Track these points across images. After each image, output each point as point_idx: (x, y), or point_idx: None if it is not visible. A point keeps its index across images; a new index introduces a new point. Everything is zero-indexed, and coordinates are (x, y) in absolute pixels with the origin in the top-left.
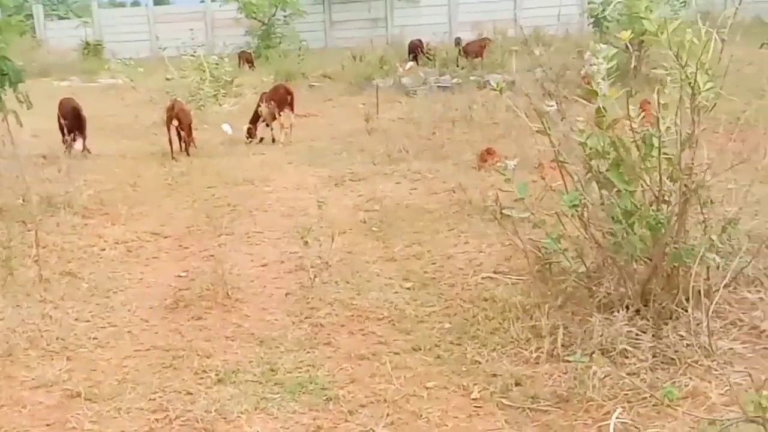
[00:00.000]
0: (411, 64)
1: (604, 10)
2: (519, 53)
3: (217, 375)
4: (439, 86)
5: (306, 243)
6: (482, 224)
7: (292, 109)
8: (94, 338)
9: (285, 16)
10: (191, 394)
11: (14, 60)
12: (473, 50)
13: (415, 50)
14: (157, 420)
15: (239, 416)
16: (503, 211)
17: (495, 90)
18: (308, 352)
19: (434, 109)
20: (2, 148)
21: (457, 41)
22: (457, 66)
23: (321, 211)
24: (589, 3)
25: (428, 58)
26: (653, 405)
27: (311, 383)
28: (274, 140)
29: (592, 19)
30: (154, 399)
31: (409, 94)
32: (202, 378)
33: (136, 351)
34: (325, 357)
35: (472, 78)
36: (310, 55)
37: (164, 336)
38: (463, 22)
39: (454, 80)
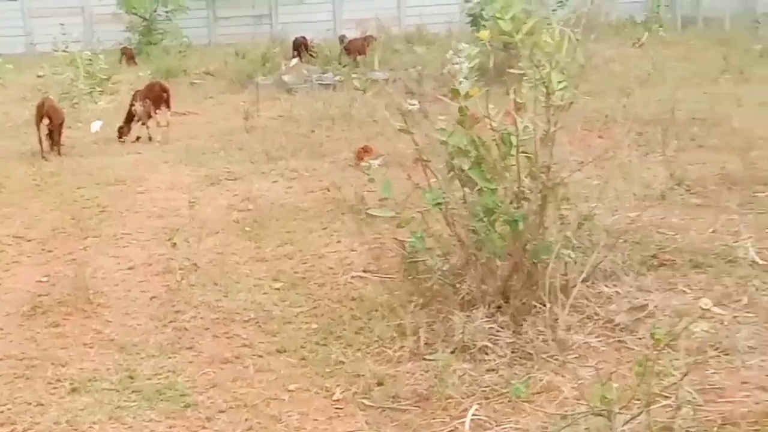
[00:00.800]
0: (295, 61)
1: (482, 10)
2: (402, 51)
3: (71, 384)
4: (321, 84)
5: (174, 244)
6: (355, 223)
7: (168, 107)
8: None
9: (167, 12)
10: (42, 405)
11: None
12: (356, 48)
13: (299, 48)
14: None
15: (92, 427)
16: (369, 210)
17: (359, 90)
18: (170, 358)
19: (315, 106)
20: None
21: (341, 39)
22: (340, 64)
23: (193, 211)
24: (466, 1)
25: (312, 56)
26: (509, 401)
27: (170, 389)
28: (150, 139)
29: (470, 18)
30: (2, 411)
31: (291, 92)
32: (55, 388)
33: None
34: (186, 362)
35: (354, 76)
36: (192, 52)
37: (18, 344)
38: (347, 19)
39: (336, 78)
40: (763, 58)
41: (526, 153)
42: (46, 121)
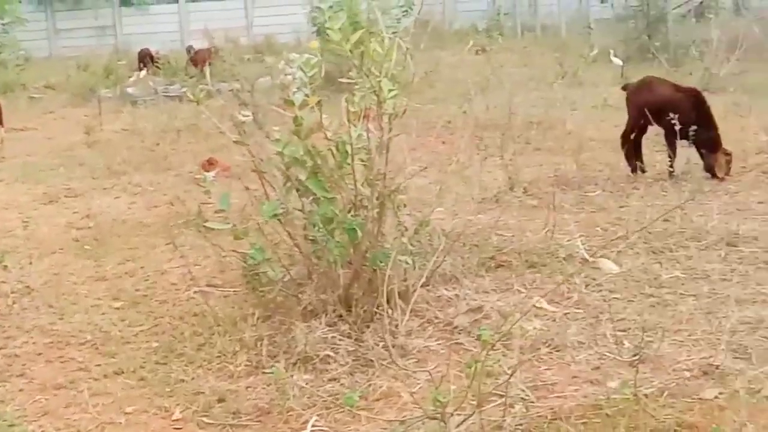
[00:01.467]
0: (143, 73)
1: (328, 18)
2: (251, 61)
3: None
4: (166, 96)
5: (5, 267)
6: (198, 237)
7: (0, 123)
8: None
9: (3, 24)
10: None
11: None
12: (202, 59)
13: (145, 59)
14: None
15: None
16: (205, 223)
17: (193, 101)
18: None
19: (160, 119)
20: None
21: (188, 50)
22: (186, 75)
23: (27, 231)
24: (311, 12)
25: (157, 67)
26: (349, 410)
27: None
28: None
29: (315, 28)
30: None
31: (135, 105)
32: None
33: None
34: (17, 390)
35: (200, 87)
36: (31, 65)
37: None
38: (194, 30)
39: (183, 90)
40: (596, 63)
41: (362, 161)
42: None
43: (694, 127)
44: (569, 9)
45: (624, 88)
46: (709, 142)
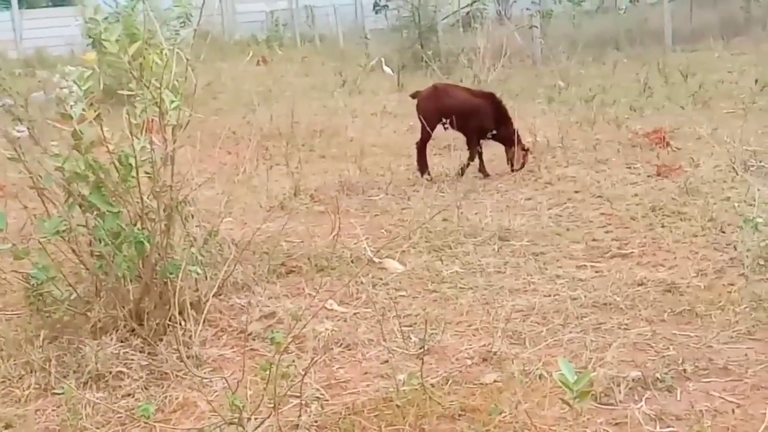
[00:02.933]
0: None
1: (104, 30)
2: (21, 76)
3: None
4: None
5: None
6: None
7: None
8: None
9: None
10: None
11: None
12: None
13: None
14: None
15: None
16: None
17: None
18: None
19: None
20: None
21: None
22: None
23: None
24: (86, 22)
25: None
26: (146, 424)
27: None
28: None
29: (90, 40)
30: None
31: None
32: None
33: None
34: None
35: None
36: None
37: None
38: None
39: None
40: (374, 72)
41: (147, 173)
42: None
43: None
44: (346, 19)
45: (414, 96)
46: (509, 139)
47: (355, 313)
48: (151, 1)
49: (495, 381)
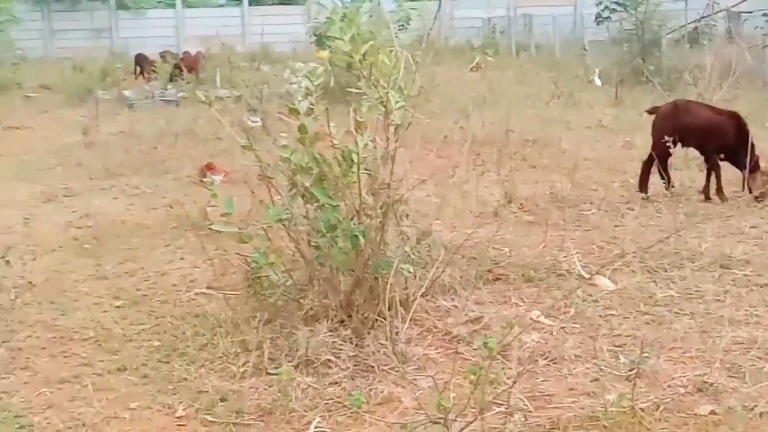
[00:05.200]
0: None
1: (327, 29)
2: (244, 70)
3: None
4: (163, 100)
5: (8, 262)
6: (199, 240)
7: None
8: None
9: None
10: None
11: None
12: (188, 64)
13: (141, 63)
14: None
15: None
16: (211, 226)
17: (204, 103)
18: (3, 378)
19: (157, 123)
20: None
21: (162, 55)
22: (171, 80)
23: (28, 228)
24: (313, 21)
25: (153, 71)
26: (351, 413)
27: (4, 410)
28: None
29: (315, 38)
30: None
31: (132, 108)
32: None
33: None
34: (21, 382)
35: (197, 92)
36: (27, 65)
37: None
38: (190, 36)
39: (180, 94)
40: (591, 84)
41: (367, 170)
42: None
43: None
44: (564, 30)
45: (651, 111)
46: (744, 162)
47: (562, 327)
48: (375, 3)
49: (711, 413)
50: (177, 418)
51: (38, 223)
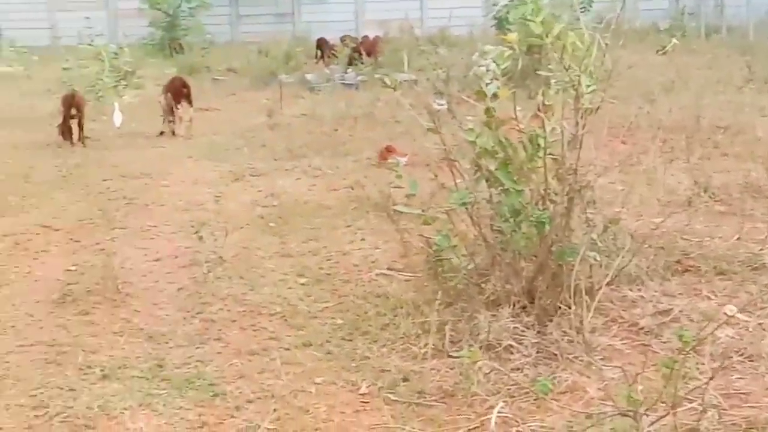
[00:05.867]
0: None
1: (507, 12)
2: (424, 53)
3: (102, 371)
4: (343, 83)
5: (200, 238)
6: (379, 221)
7: (189, 103)
8: None
9: (190, 9)
10: (74, 390)
11: None
12: (367, 48)
13: (322, 47)
14: (36, 416)
15: (122, 412)
16: (395, 207)
17: (389, 87)
18: (198, 348)
19: (337, 106)
20: None
21: (343, 39)
22: (350, 64)
23: (218, 205)
24: (493, 4)
25: (334, 55)
26: (534, 400)
27: (199, 379)
28: (173, 133)
29: (495, 21)
30: (35, 395)
31: (314, 91)
32: (86, 374)
33: (19, 346)
34: (214, 352)
35: (377, 76)
36: (215, 49)
37: (49, 331)
38: (369, 20)
39: (359, 78)
40: None
41: (553, 155)
42: (74, 111)
43: None
44: (759, 11)
45: None
46: None
47: (759, 324)
48: None
49: None
50: (360, 395)
51: (227, 200)
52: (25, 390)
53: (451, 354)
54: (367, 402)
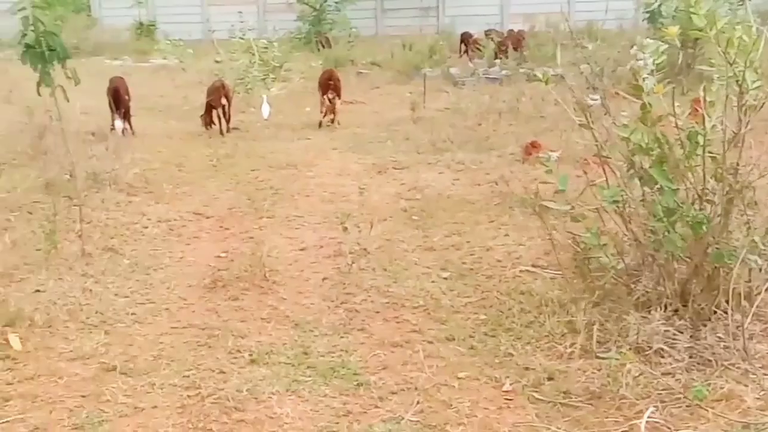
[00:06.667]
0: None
1: (660, 5)
2: (570, 47)
3: (250, 355)
4: (487, 78)
5: (345, 229)
6: (523, 217)
7: (338, 95)
8: (132, 314)
9: (336, 3)
10: (224, 372)
11: (67, 37)
12: (512, 42)
13: (466, 41)
14: (189, 396)
15: (270, 397)
16: (543, 203)
17: (540, 81)
18: (342, 337)
19: (481, 100)
20: (51, 124)
21: (487, 33)
22: (496, 57)
23: (362, 197)
24: None
25: (478, 49)
26: (686, 406)
27: (343, 368)
28: (320, 125)
29: (647, 15)
30: (188, 376)
31: (457, 85)
32: (235, 358)
33: (172, 328)
34: (358, 343)
35: (521, 71)
36: (360, 42)
37: (201, 315)
38: (515, 14)
39: (503, 72)
40: None
41: (712, 153)
42: (224, 101)
43: None
44: None
45: None
46: None
47: None
48: None
49: None
50: (504, 392)
51: (371, 193)
52: (179, 370)
53: (598, 355)
54: (511, 399)
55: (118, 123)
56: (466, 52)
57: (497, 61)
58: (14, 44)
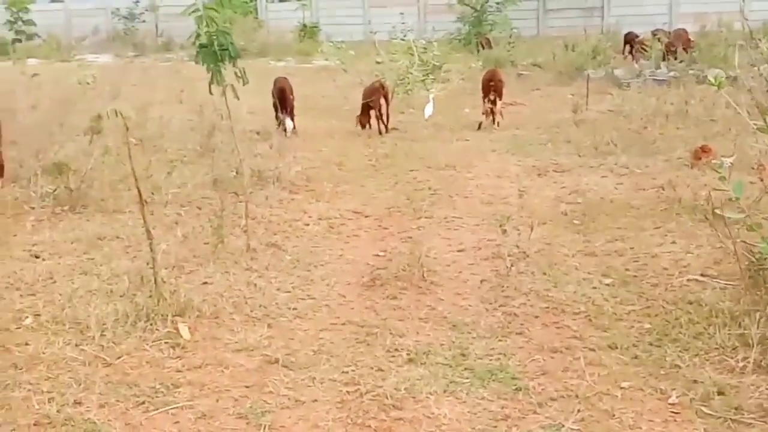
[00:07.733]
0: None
1: None
2: (745, 48)
3: (408, 354)
4: (654, 79)
5: (504, 231)
6: (692, 224)
7: (499, 96)
8: (293, 308)
9: (498, 3)
10: (382, 370)
11: (236, 39)
12: (681, 42)
13: (630, 42)
14: (348, 392)
15: (428, 397)
16: (715, 210)
17: (713, 85)
18: (500, 341)
19: (647, 102)
20: (221, 123)
21: (654, 33)
22: (665, 59)
23: (522, 200)
24: None
25: (644, 50)
26: None
27: (501, 371)
28: (479, 126)
29: None
30: (347, 372)
31: (622, 87)
32: (393, 356)
33: (332, 324)
34: (516, 347)
35: (690, 72)
36: (520, 43)
37: (359, 312)
38: (685, 13)
39: (671, 74)
40: None
41: None
42: (382, 101)
43: None
44: None
45: None
46: None
47: None
48: None
49: None
50: (670, 404)
51: (530, 195)
52: (338, 366)
53: None
54: (678, 413)
55: (289, 122)
56: (630, 52)
57: (664, 62)
58: (186, 46)
